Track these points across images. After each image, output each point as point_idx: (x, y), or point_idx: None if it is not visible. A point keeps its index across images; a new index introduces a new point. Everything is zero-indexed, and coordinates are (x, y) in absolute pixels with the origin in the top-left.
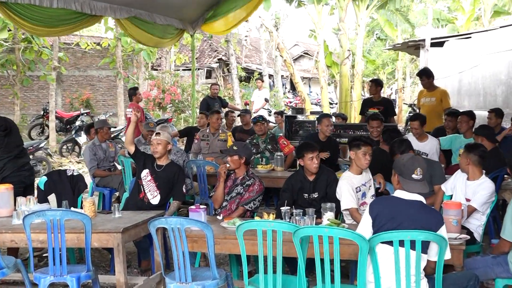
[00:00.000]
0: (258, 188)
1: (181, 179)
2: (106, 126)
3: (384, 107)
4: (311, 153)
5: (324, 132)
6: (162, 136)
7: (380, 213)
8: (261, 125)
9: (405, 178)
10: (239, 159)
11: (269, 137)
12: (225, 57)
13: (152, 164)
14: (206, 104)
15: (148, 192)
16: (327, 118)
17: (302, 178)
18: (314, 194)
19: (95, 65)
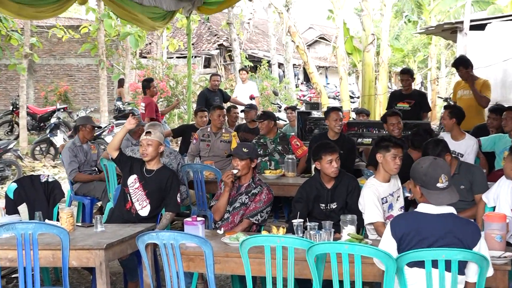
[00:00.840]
0: (266, 198)
1: (175, 186)
2: (89, 124)
3: (415, 101)
4: (330, 155)
5: (333, 128)
6: (153, 135)
7: (406, 234)
8: (265, 122)
9: (429, 189)
10: (250, 164)
11: (279, 136)
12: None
13: (140, 169)
14: (205, 98)
15: (136, 201)
16: (335, 112)
17: (319, 185)
18: (332, 204)
19: (74, 52)
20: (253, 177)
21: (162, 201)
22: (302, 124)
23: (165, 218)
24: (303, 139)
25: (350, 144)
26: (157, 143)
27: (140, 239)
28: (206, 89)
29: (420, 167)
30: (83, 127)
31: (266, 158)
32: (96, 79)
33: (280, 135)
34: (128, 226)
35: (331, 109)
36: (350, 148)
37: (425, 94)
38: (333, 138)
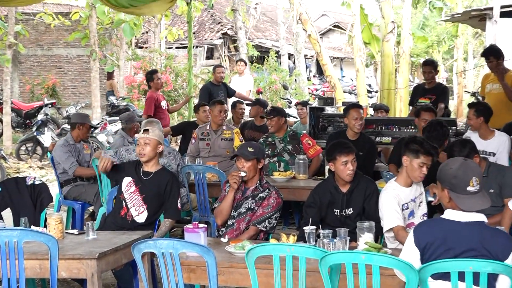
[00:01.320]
0: (274, 202)
1: (175, 190)
2: (87, 123)
3: (436, 96)
4: (346, 156)
5: (352, 127)
6: (151, 133)
7: (430, 243)
8: (272, 119)
9: (458, 193)
10: (256, 165)
11: (289, 135)
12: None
13: (136, 171)
14: (208, 92)
15: (131, 207)
16: (356, 109)
17: (333, 188)
18: (348, 209)
19: (63, 41)
20: (260, 179)
21: (160, 206)
22: (314, 121)
23: (164, 225)
24: (315, 137)
25: (370, 145)
26: (155, 142)
27: (136, 247)
28: (209, 82)
29: (449, 169)
30: (80, 126)
31: (274, 158)
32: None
33: (290, 133)
34: (123, 234)
35: (351, 106)
36: (370, 149)
37: (447, 88)
38: (352, 138)
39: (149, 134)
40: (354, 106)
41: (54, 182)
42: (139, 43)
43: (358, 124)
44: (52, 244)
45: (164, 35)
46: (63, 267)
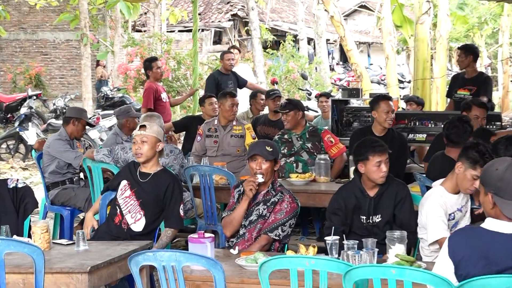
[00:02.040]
0: (288, 207)
1: (177, 195)
2: (84, 119)
3: (477, 87)
4: (379, 156)
5: (382, 122)
6: (148, 130)
7: (468, 257)
8: (285, 113)
9: (505, 198)
10: (273, 167)
11: (308, 131)
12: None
13: (132, 172)
14: (215, 82)
15: (127, 213)
16: (386, 102)
17: (359, 192)
18: (375, 217)
19: (50, 24)
20: (273, 182)
21: (160, 213)
22: (337, 116)
23: (165, 235)
24: (338, 134)
25: (400, 142)
26: (154, 140)
27: (133, 260)
28: (216, 71)
29: (494, 170)
30: (76, 121)
31: (291, 158)
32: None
33: (310, 130)
34: (118, 244)
35: (381, 98)
36: (400, 147)
37: (490, 78)
38: (379, 134)
39: (146, 131)
40: (384, 98)
41: (40, 185)
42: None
43: (389, 119)
44: (37, 256)
45: (166, 17)
46: (50, 282)
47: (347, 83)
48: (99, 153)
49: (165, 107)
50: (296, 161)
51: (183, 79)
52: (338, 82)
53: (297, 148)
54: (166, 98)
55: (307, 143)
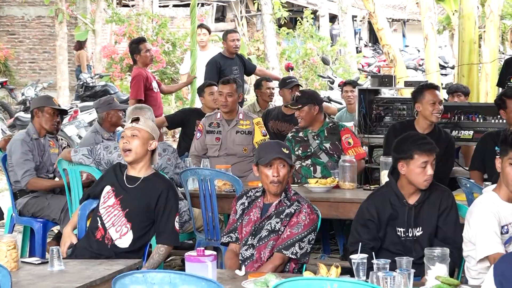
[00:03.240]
0: (306, 219)
1: (171, 204)
2: (49, 107)
3: None
4: (427, 155)
5: (428, 116)
6: (142, 123)
7: None
8: (298, 108)
9: None
10: (290, 172)
11: (327, 128)
12: None
13: (118, 176)
14: (217, 68)
15: (110, 227)
16: (431, 91)
17: (396, 199)
18: (416, 229)
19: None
20: (286, 190)
21: (151, 225)
22: (365, 109)
23: (157, 252)
24: (366, 131)
25: (447, 141)
26: (147, 136)
27: (118, 282)
28: (219, 54)
29: None
30: (39, 112)
31: (308, 161)
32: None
33: (329, 126)
34: (100, 264)
35: (425, 87)
36: (447, 148)
37: None
38: (424, 131)
39: (139, 124)
40: (429, 87)
41: (5, 192)
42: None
43: (436, 111)
44: (2, 277)
45: None
46: None
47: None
48: (78, 153)
49: (156, 98)
50: (314, 164)
51: (179, 64)
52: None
53: (313, 149)
54: (157, 88)
55: (325, 142)
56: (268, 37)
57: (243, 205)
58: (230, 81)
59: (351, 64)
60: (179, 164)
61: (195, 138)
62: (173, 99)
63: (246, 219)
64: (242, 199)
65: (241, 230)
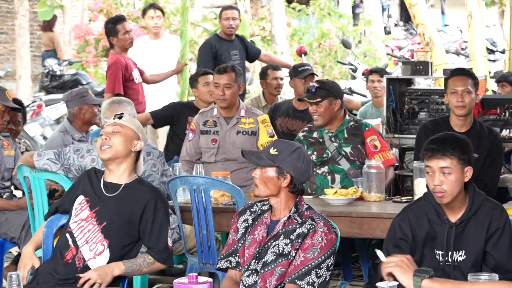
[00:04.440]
0: (324, 241)
1: (161, 216)
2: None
3: None
4: (429, 160)
5: (453, 110)
6: (127, 120)
7: None
8: (315, 104)
9: None
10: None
11: (348, 127)
12: None
13: (93, 183)
14: (213, 52)
15: (83, 244)
16: (454, 78)
17: (435, 215)
18: (458, 253)
19: None
20: (297, 203)
21: (134, 244)
22: (395, 103)
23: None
24: (398, 130)
25: (492, 141)
26: (131, 134)
27: None
28: (214, 36)
29: None
30: None
31: (324, 168)
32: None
33: (350, 126)
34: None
35: (452, 73)
36: (492, 149)
37: None
38: (460, 130)
39: (123, 120)
40: (454, 72)
41: None
42: None
43: (459, 103)
44: None
45: None
46: None
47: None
48: (42, 157)
49: (137, 91)
50: (332, 172)
51: None
52: (396, 52)
53: (331, 153)
54: (139, 78)
55: (345, 146)
56: (275, 14)
57: (246, 222)
58: (228, 69)
59: (377, 48)
60: (167, 171)
61: (186, 139)
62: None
63: (250, 239)
64: (245, 215)
65: (243, 253)
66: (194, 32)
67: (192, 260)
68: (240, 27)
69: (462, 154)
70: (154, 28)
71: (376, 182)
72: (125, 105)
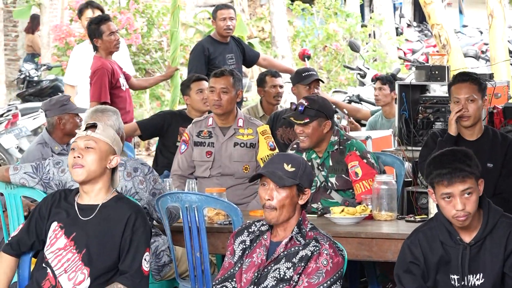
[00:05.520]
0: (330, 265)
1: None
2: None
3: None
4: (446, 186)
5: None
6: (100, 131)
7: None
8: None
9: None
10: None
11: (333, 151)
12: None
13: (67, 206)
14: (205, 56)
15: (61, 274)
16: (459, 84)
17: (447, 237)
18: (474, 276)
19: None
20: (300, 223)
21: (115, 268)
22: (408, 112)
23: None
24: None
25: (507, 146)
26: (105, 149)
27: None
28: (207, 37)
29: None
30: None
31: (317, 205)
32: None
33: (335, 149)
34: None
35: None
36: (508, 155)
37: None
38: (470, 138)
39: (96, 132)
40: (458, 78)
41: None
42: None
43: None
44: None
45: None
46: None
47: (424, 58)
48: (18, 171)
49: (124, 99)
50: (326, 209)
51: (155, 51)
52: (409, 55)
53: (321, 184)
54: (125, 84)
55: (331, 176)
56: (276, 14)
57: (243, 244)
58: (226, 73)
59: (389, 51)
60: (157, 190)
61: (178, 151)
62: (147, 98)
63: (248, 263)
64: (243, 235)
65: (240, 277)
66: (185, 34)
67: (184, 285)
68: (237, 28)
69: (476, 168)
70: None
71: (387, 199)
72: (110, 115)
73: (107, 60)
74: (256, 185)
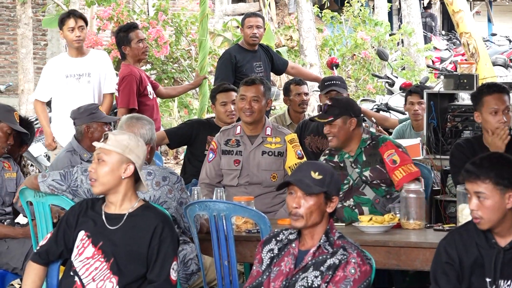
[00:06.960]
0: (358, 273)
1: (167, 243)
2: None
3: None
4: (469, 184)
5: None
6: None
7: None
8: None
9: None
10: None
11: (366, 147)
12: None
13: (94, 216)
14: (232, 64)
15: (89, 282)
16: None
17: (483, 240)
18: (505, 282)
19: None
20: (327, 231)
21: (144, 278)
22: (437, 120)
23: None
24: (440, 151)
25: None
26: (117, 160)
27: None
28: (235, 46)
29: None
30: None
31: (349, 201)
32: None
33: (368, 145)
34: None
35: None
36: None
37: None
38: (497, 149)
39: (107, 143)
40: (491, 89)
41: None
42: None
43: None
44: None
45: None
46: None
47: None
48: (47, 179)
49: (152, 107)
50: (358, 205)
51: (184, 59)
52: (438, 64)
53: (354, 181)
54: (153, 93)
55: (365, 170)
56: (304, 22)
57: (271, 252)
58: (256, 82)
59: (417, 60)
60: (183, 199)
61: (206, 160)
62: (176, 106)
63: (276, 271)
64: (270, 244)
65: (268, 286)
66: (213, 41)
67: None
68: (265, 37)
69: (500, 178)
70: (76, 42)
71: (416, 208)
72: (145, 123)
73: (135, 67)
74: (285, 194)
